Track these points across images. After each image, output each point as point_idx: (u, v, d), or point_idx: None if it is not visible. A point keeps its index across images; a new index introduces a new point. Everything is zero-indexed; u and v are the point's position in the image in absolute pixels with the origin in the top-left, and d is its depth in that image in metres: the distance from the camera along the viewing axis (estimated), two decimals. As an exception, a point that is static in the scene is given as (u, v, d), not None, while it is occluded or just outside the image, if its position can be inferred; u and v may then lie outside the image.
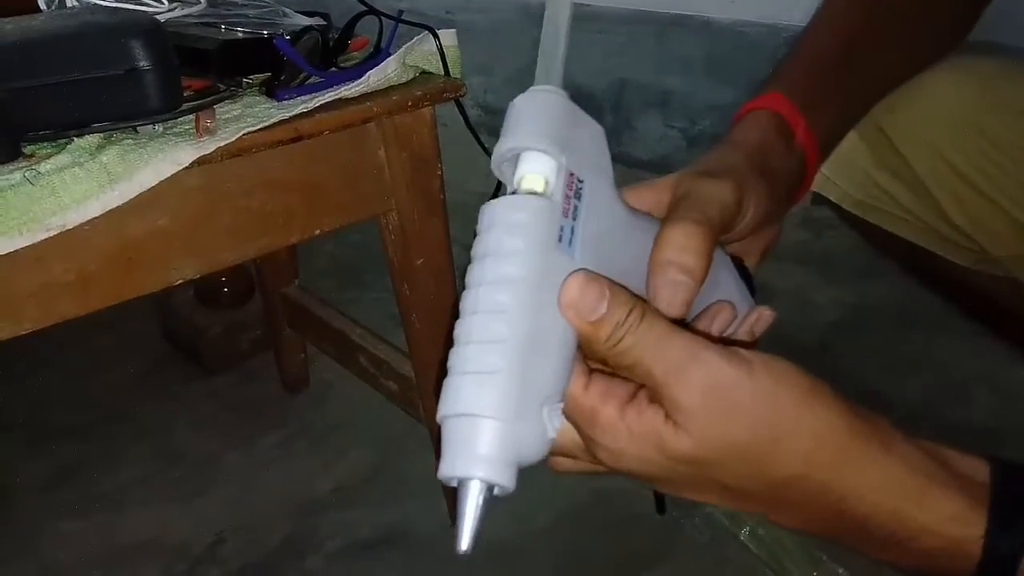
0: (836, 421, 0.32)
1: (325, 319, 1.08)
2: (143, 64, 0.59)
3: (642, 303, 0.33)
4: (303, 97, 0.67)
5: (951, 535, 0.32)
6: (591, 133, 0.33)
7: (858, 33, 0.53)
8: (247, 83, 0.71)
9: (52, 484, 1.11)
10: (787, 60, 0.51)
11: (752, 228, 0.41)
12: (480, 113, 2.22)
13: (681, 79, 1.94)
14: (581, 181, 0.32)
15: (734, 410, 0.31)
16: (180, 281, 0.67)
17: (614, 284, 0.32)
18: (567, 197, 0.31)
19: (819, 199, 0.72)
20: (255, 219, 0.69)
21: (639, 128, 2.03)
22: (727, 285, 0.41)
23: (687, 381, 0.31)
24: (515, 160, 0.32)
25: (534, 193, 0.31)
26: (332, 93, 0.68)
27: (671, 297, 0.35)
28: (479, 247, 0.31)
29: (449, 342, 0.32)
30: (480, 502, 0.30)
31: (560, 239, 0.31)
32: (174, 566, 0.98)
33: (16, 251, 0.55)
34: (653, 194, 0.40)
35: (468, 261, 0.49)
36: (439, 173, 0.79)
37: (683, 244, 0.35)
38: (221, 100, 0.67)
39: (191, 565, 0.99)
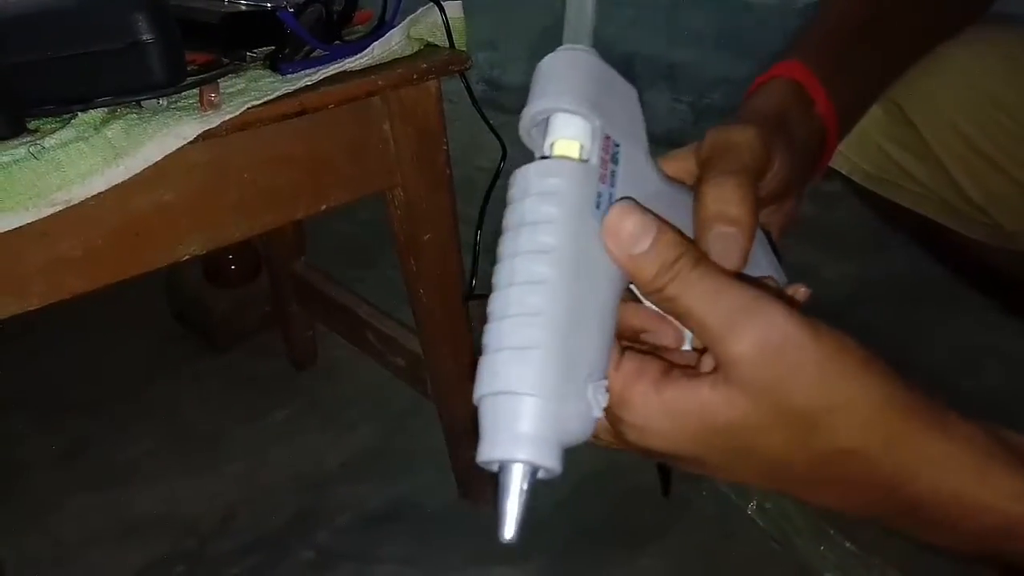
0: (895, 394, 0.30)
1: (332, 296, 1.08)
2: (146, 37, 0.59)
3: (697, 250, 0.31)
4: (307, 71, 0.67)
5: (1012, 513, 0.30)
6: (625, 95, 0.31)
7: (880, 3, 0.52)
8: (251, 57, 0.70)
9: (63, 460, 1.12)
10: (806, 30, 0.50)
11: (775, 190, 0.39)
12: (486, 88, 2.20)
13: (690, 52, 1.92)
14: (617, 145, 0.30)
15: (794, 372, 0.29)
16: (187, 257, 0.67)
17: (666, 224, 0.30)
18: (604, 162, 0.29)
19: (829, 172, 0.71)
20: (261, 194, 0.69)
21: (647, 102, 2.00)
22: (763, 260, 0.39)
23: (746, 334, 0.29)
24: (545, 124, 0.30)
25: (575, 145, 0.29)
26: (336, 66, 0.67)
27: (724, 251, 0.33)
28: (512, 216, 0.29)
29: (457, 318, 0.31)
30: (524, 486, 0.27)
31: (598, 206, 0.29)
32: (184, 540, 0.99)
33: (22, 227, 0.55)
34: (680, 164, 0.38)
35: (473, 238, 0.48)
36: (445, 147, 0.78)
37: (725, 196, 0.33)
38: (225, 74, 0.66)
39: (201, 539, 1.00)
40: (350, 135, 0.72)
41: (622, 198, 0.29)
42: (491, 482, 0.30)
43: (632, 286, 0.32)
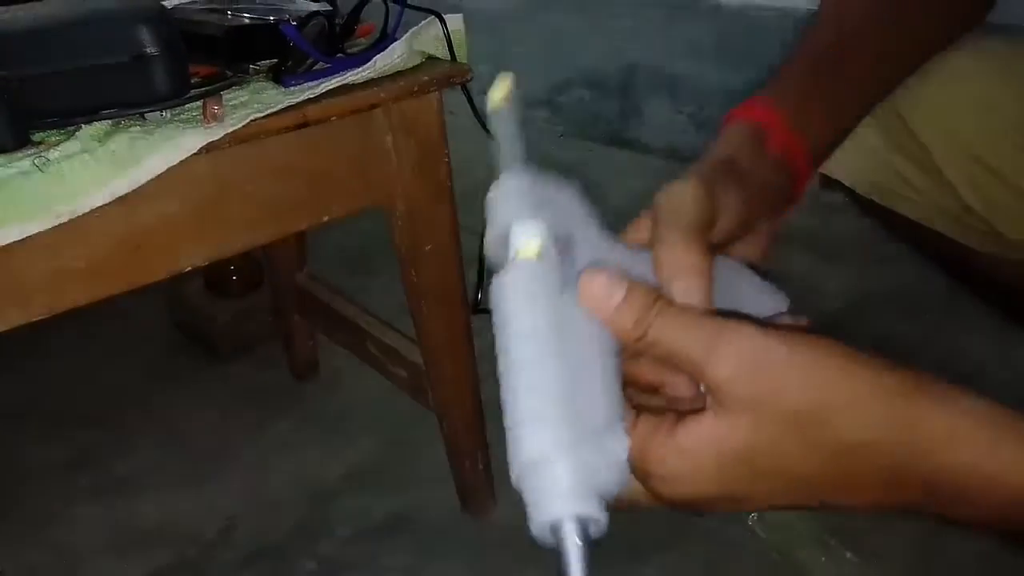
0: (886, 380, 0.31)
1: (334, 306, 1.08)
2: (150, 50, 0.60)
3: (666, 297, 0.33)
4: (310, 83, 0.67)
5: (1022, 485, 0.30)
6: (567, 195, 0.36)
7: (857, 25, 0.52)
8: (254, 69, 0.71)
9: (66, 469, 1.12)
10: (786, 60, 0.51)
11: (734, 229, 0.41)
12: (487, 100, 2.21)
13: (690, 63, 1.93)
14: (569, 234, 0.34)
15: (780, 381, 0.31)
16: (189, 268, 0.67)
17: (636, 280, 0.33)
18: (560, 250, 0.33)
19: (829, 182, 0.71)
20: (263, 206, 0.69)
21: (647, 113, 2.02)
22: (751, 292, 0.41)
23: (724, 357, 0.31)
24: (507, 243, 0.34)
25: (533, 245, 0.33)
26: (339, 79, 0.68)
27: (688, 300, 0.35)
28: (497, 317, 0.33)
29: (458, 329, 0.34)
30: (579, 541, 0.29)
31: (563, 292, 0.32)
32: (186, 550, 0.99)
33: (26, 238, 0.56)
34: (638, 232, 0.40)
35: (476, 249, 0.49)
36: (446, 159, 0.79)
37: (677, 253, 0.36)
38: (228, 86, 0.67)
39: (203, 549, 1.00)
40: (352, 147, 0.73)
41: (589, 267, 0.33)
42: (492, 494, 0.31)
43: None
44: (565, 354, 0.31)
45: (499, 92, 0.37)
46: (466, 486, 1.00)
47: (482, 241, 0.35)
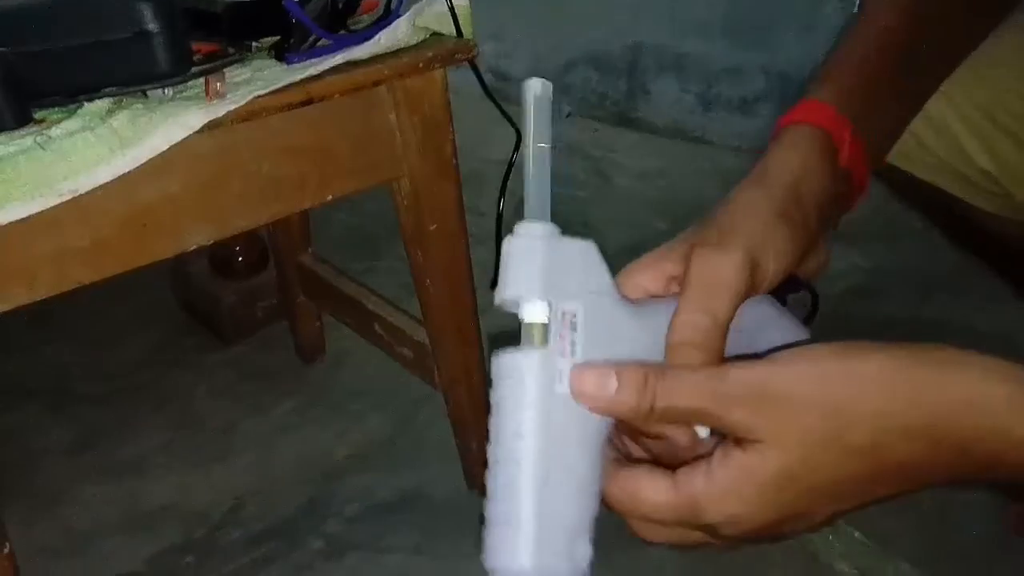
0: (885, 360, 0.31)
1: (339, 287, 1.08)
2: (151, 27, 0.59)
3: (659, 367, 0.34)
4: (313, 60, 0.67)
5: None
6: (582, 254, 0.35)
7: (915, 23, 0.50)
8: (256, 46, 0.70)
9: (74, 450, 1.13)
10: (835, 59, 0.48)
11: (782, 274, 0.39)
12: (493, 79, 2.19)
13: (697, 42, 1.91)
14: (575, 314, 0.34)
15: (787, 404, 0.32)
16: (193, 247, 0.67)
17: (620, 363, 0.33)
18: (562, 337, 0.33)
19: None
20: (267, 184, 0.69)
21: (654, 92, 2.00)
22: (772, 335, 0.40)
23: (731, 398, 0.32)
24: (521, 302, 0.35)
25: (536, 328, 0.34)
26: (342, 56, 0.67)
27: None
28: (493, 396, 0.34)
29: (464, 309, 0.34)
30: None
31: (560, 380, 0.33)
32: (194, 530, 1.00)
33: (30, 217, 0.55)
34: (666, 266, 0.39)
35: (482, 228, 0.49)
36: (451, 137, 0.78)
37: (691, 355, 0.35)
38: (230, 63, 0.66)
39: (211, 529, 1.00)
40: (356, 125, 0.72)
41: (576, 366, 0.33)
42: None
43: None
44: (548, 455, 0.32)
45: (539, 87, 0.36)
46: (472, 465, 1.00)
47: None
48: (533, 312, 0.33)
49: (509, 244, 0.34)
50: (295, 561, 0.96)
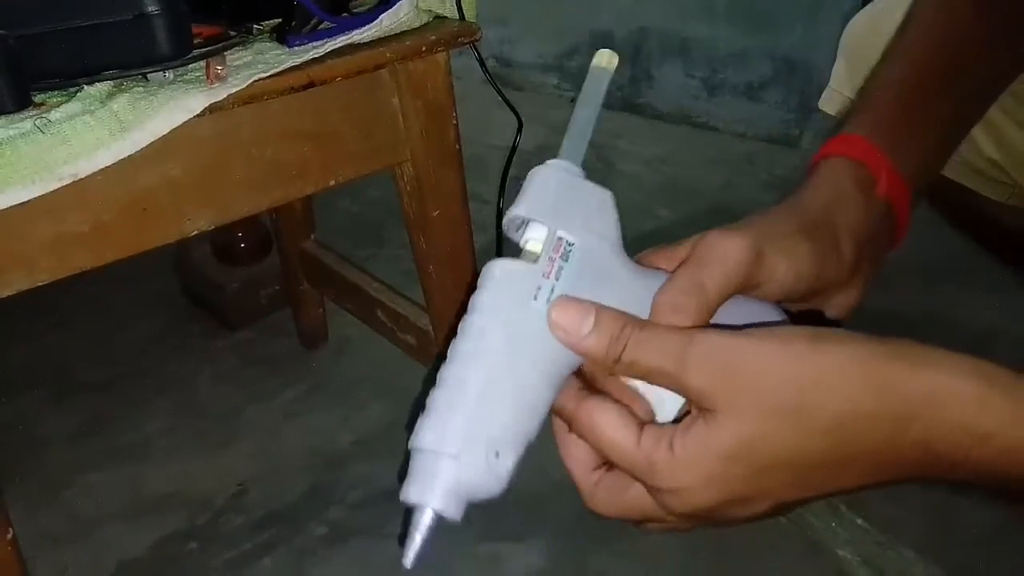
0: (857, 349, 0.31)
1: (342, 274, 1.08)
2: (152, 9, 0.58)
3: (638, 320, 0.34)
4: (315, 43, 0.66)
5: (1015, 436, 0.30)
6: (597, 202, 0.36)
7: (957, 49, 0.48)
8: (258, 29, 0.69)
9: (78, 437, 1.13)
10: (870, 90, 0.46)
11: (791, 287, 0.37)
12: (496, 65, 2.18)
13: (703, 26, 1.89)
14: (571, 244, 0.35)
15: (751, 375, 0.32)
16: (195, 232, 0.66)
17: (603, 306, 0.34)
18: (550, 260, 0.34)
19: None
20: (269, 169, 0.68)
21: (658, 78, 1.99)
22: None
23: (695, 363, 0.32)
24: (525, 224, 0.36)
25: (533, 247, 0.35)
26: (344, 38, 0.66)
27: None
28: (472, 299, 0.35)
29: (467, 295, 0.35)
30: (426, 526, 0.33)
31: (536, 297, 0.34)
32: (197, 516, 1.00)
33: (30, 201, 0.55)
34: (679, 253, 0.38)
35: (484, 215, 0.49)
36: (454, 122, 0.77)
37: (672, 319, 0.35)
38: (231, 46, 0.65)
39: (214, 515, 1.00)
40: (358, 109, 0.71)
41: (562, 296, 0.34)
42: None
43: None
44: (504, 370, 0.33)
45: (607, 58, 0.38)
46: (476, 453, 1.00)
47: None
48: (534, 233, 0.35)
49: (533, 171, 0.36)
50: (298, 547, 0.96)
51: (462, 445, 0.32)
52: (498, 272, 0.34)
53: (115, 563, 0.95)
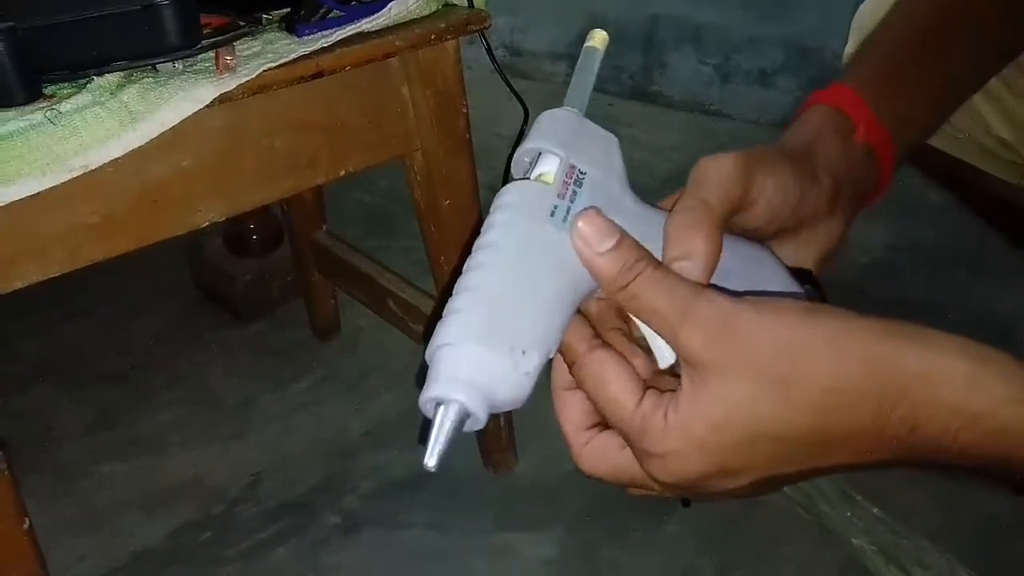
0: (853, 325, 0.31)
1: (354, 265, 1.08)
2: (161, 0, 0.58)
3: (656, 260, 0.34)
4: (324, 32, 0.66)
5: (1005, 416, 0.29)
6: (604, 142, 0.37)
7: (953, 11, 0.49)
8: (267, 19, 0.69)
9: (92, 428, 1.13)
10: (866, 47, 0.48)
11: (778, 208, 0.39)
12: (506, 54, 2.17)
13: (716, 12, 1.87)
14: (583, 173, 0.35)
15: (744, 340, 0.32)
16: (206, 223, 0.67)
17: (628, 235, 0.34)
18: (564, 183, 0.35)
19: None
20: (279, 159, 0.68)
21: (671, 65, 1.98)
22: (771, 282, 0.39)
23: (694, 319, 0.32)
24: (535, 160, 0.37)
25: (546, 175, 0.35)
26: (353, 27, 0.66)
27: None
28: (488, 219, 0.35)
29: None
30: (451, 420, 0.31)
31: (553, 214, 0.34)
32: (212, 506, 1.01)
33: (41, 193, 0.55)
34: (673, 199, 0.39)
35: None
36: (465, 111, 0.77)
37: (682, 233, 0.35)
38: (241, 36, 0.65)
39: (228, 505, 1.01)
40: (368, 98, 0.71)
41: (593, 208, 0.34)
42: (514, 450, 0.32)
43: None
44: (521, 274, 0.33)
45: (599, 37, 0.39)
46: (488, 442, 1.00)
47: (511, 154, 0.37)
48: (546, 165, 0.35)
49: (542, 114, 0.37)
50: (311, 537, 0.96)
51: (488, 336, 0.31)
52: (513, 191, 0.34)
53: (130, 553, 0.96)
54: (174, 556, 0.95)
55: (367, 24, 0.66)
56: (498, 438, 0.99)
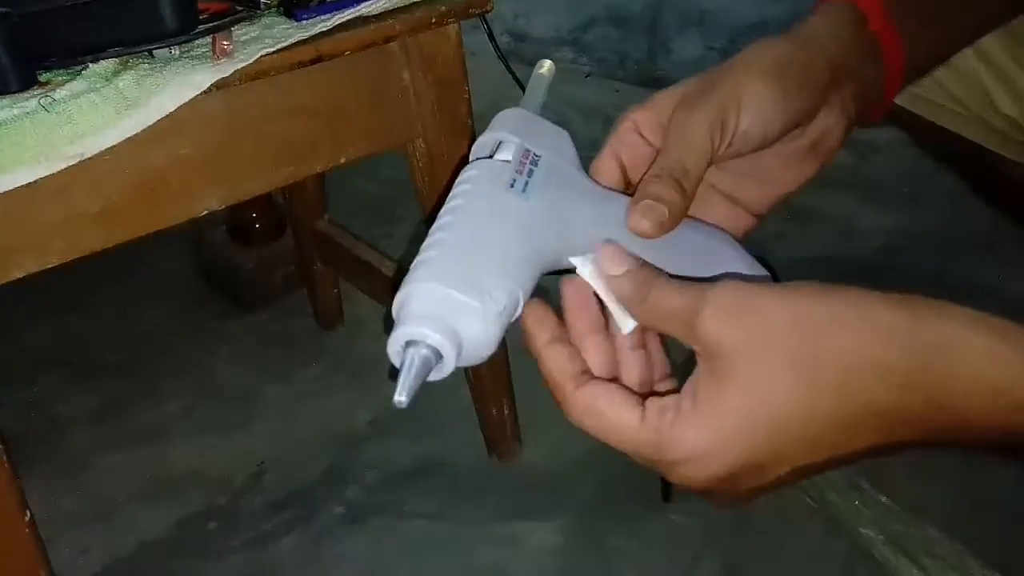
0: (866, 296, 0.30)
1: (356, 254, 1.07)
2: (156, -16, 0.57)
3: (667, 274, 0.35)
4: (322, 16, 0.65)
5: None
6: (557, 134, 0.40)
7: None
8: (265, 4, 0.68)
9: (97, 419, 1.13)
10: None
11: (763, 132, 0.39)
12: (510, 40, 2.15)
13: (721, -4, 1.85)
14: (539, 155, 0.38)
15: (763, 319, 0.31)
16: (206, 212, 0.66)
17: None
18: (521, 163, 0.37)
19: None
20: (279, 146, 0.67)
21: (676, 49, 1.96)
22: (736, 268, 0.40)
23: (708, 307, 0.31)
24: (494, 150, 0.39)
25: (504, 155, 0.38)
26: (352, 11, 0.65)
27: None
28: (451, 193, 0.37)
29: None
30: (419, 358, 0.31)
31: (512, 186, 0.36)
32: (216, 497, 1.01)
33: (38, 182, 0.54)
34: (660, 113, 0.40)
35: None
36: (466, 96, 0.76)
37: (658, 174, 0.37)
38: (238, 21, 0.64)
39: (234, 495, 1.01)
40: (368, 84, 0.70)
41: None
42: (518, 439, 0.32)
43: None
44: (486, 229, 0.34)
45: (547, 67, 0.44)
46: (492, 431, 0.99)
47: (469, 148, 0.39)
48: (505, 149, 0.38)
49: (498, 114, 0.40)
50: (316, 527, 0.96)
51: (456, 279, 0.32)
52: (475, 167, 0.37)
53: (135, 543, 0.96)
54: (179, 547, 0.95)
55: (366, 8, 0.65)
56: (502, 427, 0.98)
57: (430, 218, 0.36)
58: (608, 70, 2.04)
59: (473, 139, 0.78)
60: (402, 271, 1.05)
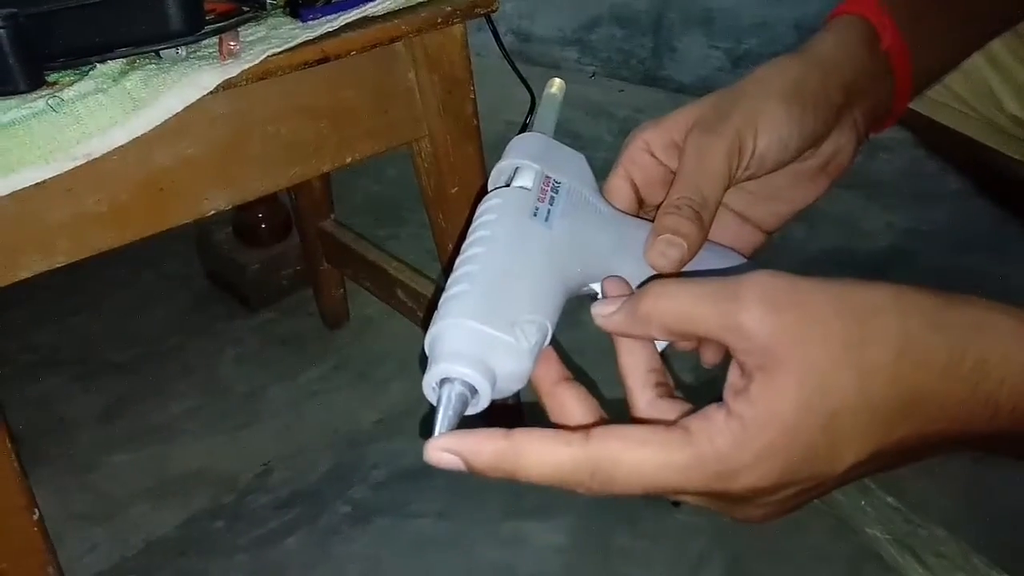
0: (900, 285, 0.30)
1: (362, 253, 1.07)
2: (163, -15, 0.57)
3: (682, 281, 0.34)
4: (328, 16, 0.65)
5: None
6: (573, 159, 0.41)
7: None
8: (271, 4, 0.68)
9: (104, 418, 1.14)
10: None
11: (779, 155, 0.39)
12: (514, 40, 2.15)
13: (726, -4, 1.85)
14: (559, 182, 0.38)
15: (807, 303, 0.30)
16: (212, 211, 0.66)
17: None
18: (543, 190, 0.38)
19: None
20: (285, 146, 0.67)
21: (680, 49, 1.95)
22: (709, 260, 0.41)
23: (746, 295, 0.30)
24: (512, 177, 0.39)
25: (524, 181, 0.38)
26: (358, 11, 0.65)
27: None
28: (472, 224, 0.37)
29: None
30: (456, 396, 0.31)
31: (535, 214, 0.36)
32: (223, 496, 1.01)
33: (45, 182, 0.54)
34: (672, 131, 0.40)
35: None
36: (472, 96, 0.76)
37: (678, 205, 0.37)
38: (245, 22, 0.64)
39: (239, 494, 1.01)
40: (374, 84, 0.70)
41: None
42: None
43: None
44: (514, 260, 0.34)
45: (557, 84, 0.45)
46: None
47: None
48: (524, 175, 0.38)
49: (513, 139, 0.40)
50: (322, 526, 0.96)
51: (487, 315, 0.32)
52: (497, 196, 0.37)
53: (142, 542, 0.96)
54: (185, 546, 0.96)
55: (372, 8, 0.65)
56: (508, 425, 0.98)
57: (456, 247, 0.35)
58: (613, 70, 2.04)
59: (479, 138, 0.78)
60: (409, 270, 1.04)
